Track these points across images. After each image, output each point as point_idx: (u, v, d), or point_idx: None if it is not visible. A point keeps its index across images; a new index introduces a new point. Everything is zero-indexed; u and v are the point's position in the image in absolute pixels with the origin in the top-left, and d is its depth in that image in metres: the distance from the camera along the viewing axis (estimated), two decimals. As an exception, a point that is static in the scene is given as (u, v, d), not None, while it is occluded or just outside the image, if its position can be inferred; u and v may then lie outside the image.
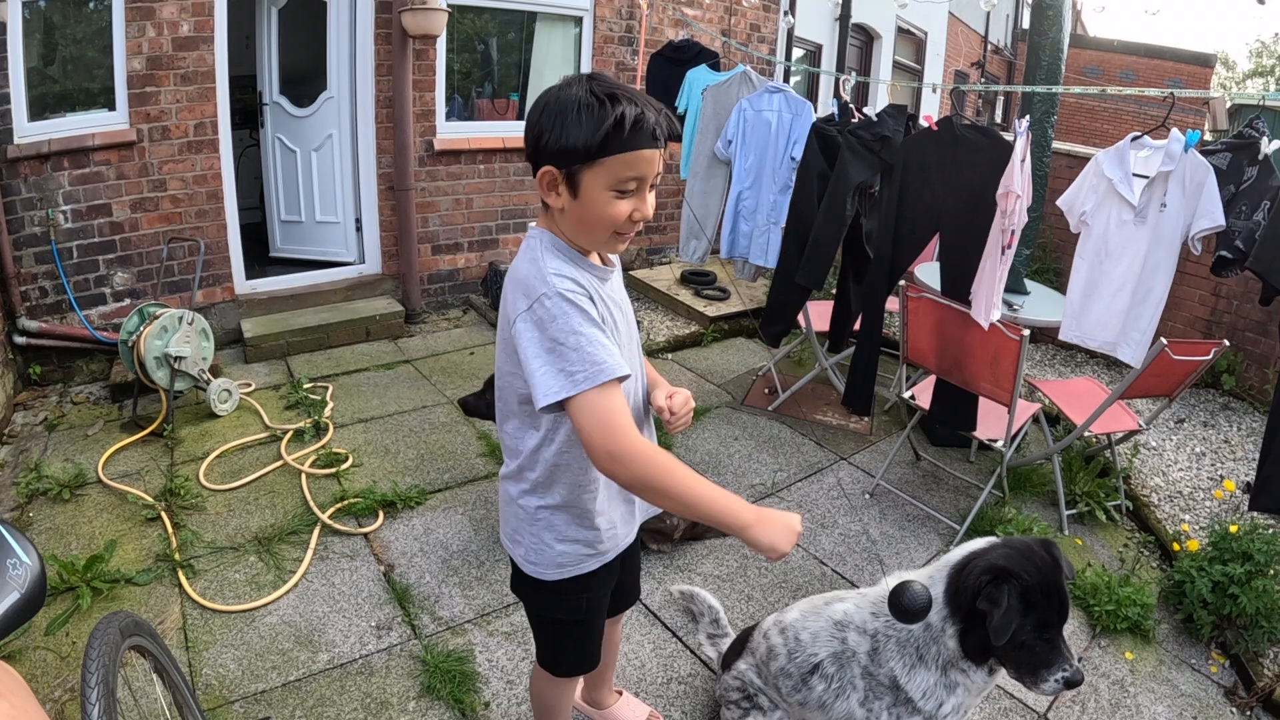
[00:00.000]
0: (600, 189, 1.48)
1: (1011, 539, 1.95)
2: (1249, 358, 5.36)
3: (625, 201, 1.50)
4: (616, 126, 1.42)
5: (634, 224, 1.54)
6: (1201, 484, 4.36)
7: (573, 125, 1.43)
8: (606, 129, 1.42)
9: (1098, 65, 18.18)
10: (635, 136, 1.44)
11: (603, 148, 1.43)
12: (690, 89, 5.49)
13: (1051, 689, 1.83)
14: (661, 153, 1.51)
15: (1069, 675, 1.81)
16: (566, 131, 1.44)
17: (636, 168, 1.48)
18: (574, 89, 1.46)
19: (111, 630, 1.59)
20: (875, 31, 12.19)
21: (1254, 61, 35.50)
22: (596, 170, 1.46)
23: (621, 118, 1.42)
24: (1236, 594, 3.09)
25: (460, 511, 3.66)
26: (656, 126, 1.46)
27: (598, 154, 1.44)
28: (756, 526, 1.51)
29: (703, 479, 1.52)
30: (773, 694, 2.25)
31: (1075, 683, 1.82)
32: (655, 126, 1.46)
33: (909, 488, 4.09)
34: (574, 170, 1.47)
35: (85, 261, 4.70)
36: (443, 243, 6.29)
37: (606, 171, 1.46)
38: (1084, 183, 3.52)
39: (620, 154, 1.45)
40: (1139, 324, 3.41)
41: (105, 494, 3.63)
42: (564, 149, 1.45)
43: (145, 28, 4.57)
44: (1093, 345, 3.65)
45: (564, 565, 1.79)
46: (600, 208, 1.50)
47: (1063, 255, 6.23)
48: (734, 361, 5.66)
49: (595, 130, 1.42)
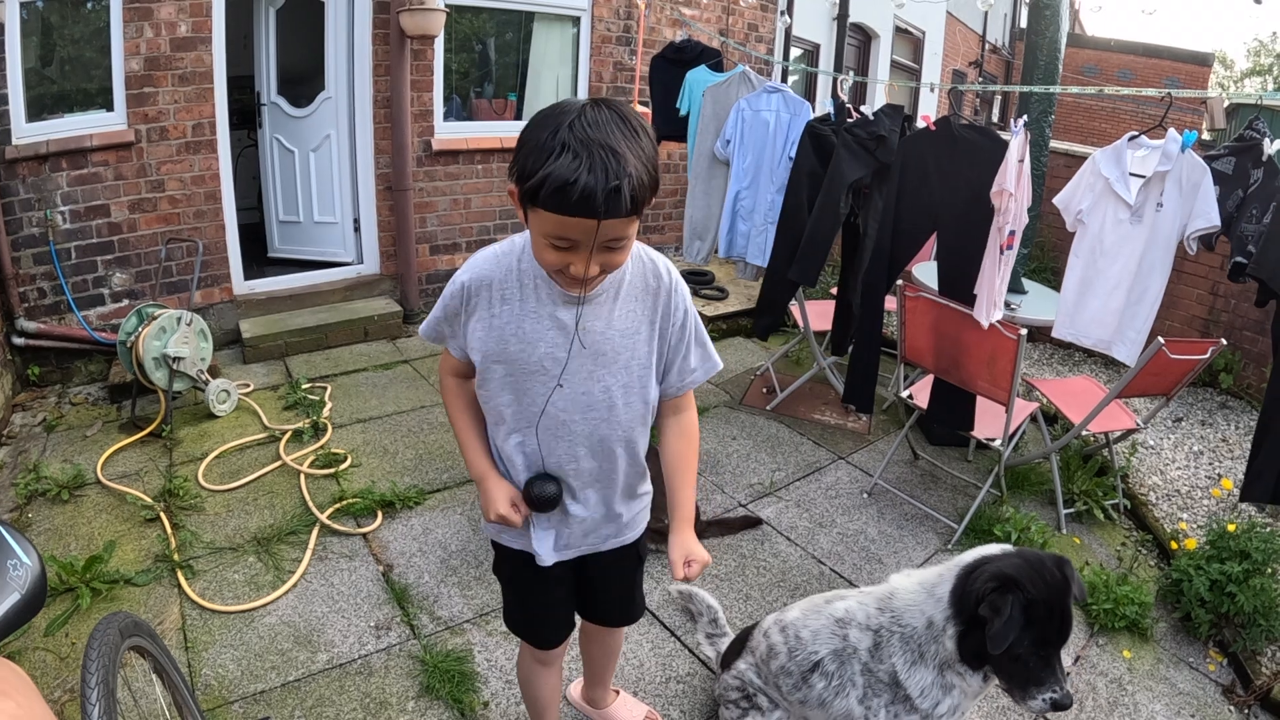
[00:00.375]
0: (537, 232, 1.44)
1: (1026, 550, 1.94)
2: (1247, 357, 5.37)
3: (558, 254, 1.43)
4: (541, 183, 1.32)
5: (573, 278, 1.48)
6: (1199, 482, 4.37)
7: (525, 155, 1.37)
8: (536, 182, 1.33)
9: (1095, 65, 18.19)
10: (560, 202, 1.33)
11: (532, 196, 1.36)
12: (690, 90, 5.50)
13: (1038, 707, 1.83)
14: (606, 224, 1.36)
15: (1058, 697, 1.81)
16: (523, 157, 1.37)
17: (564, 230, 1.38)
18: (559, 117, 1.36)
19: (111, 631, 1.59)
20: (873, 31, 12.19)
21: (1252, 61, 35.55)
22: (534, 213, 1.40)
23: (546, 178, 1.31)
24: (1234, 592, 3.10)
25: (459, 511, 3.66)
26: (590, 196, 1.31)
27: (529, 200, 1.38)
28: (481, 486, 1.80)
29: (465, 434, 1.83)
30: (772, 693, 2.26)
31: (1063, 706, 1.82)
32: (593, 198, 1.31)
33: (907, 487, 4.10)
34: (523, 199, 1.41)
35: (83, 262, 4.70)
36: (441, 243, 6.29)
37: (538, 220, 1.40)
38: (1080, 181, 3.52)
39: (549, 212, 1.35)
40: (1134, 323, 3.42)
41: (104, 495, 3.63)
42: (519, 173, 1.39)
43: (143, 28, 4.57)
44: (1087, 343, 3.65)
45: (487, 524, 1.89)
46: (538, 248, 1.47)
47: (1060, 255, 6.23)
48: (732, 361, 5.66)
49: (530, 175, 1.35)
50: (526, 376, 1.65)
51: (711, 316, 6.12)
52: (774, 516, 3.78)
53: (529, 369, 1.64)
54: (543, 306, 1.60)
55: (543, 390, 1.66)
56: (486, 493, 1.76)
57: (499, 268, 1.62)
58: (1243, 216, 3.13)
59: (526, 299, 1.61)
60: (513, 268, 1.61)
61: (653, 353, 1.71)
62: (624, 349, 1.66)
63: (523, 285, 1.61)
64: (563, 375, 1.64)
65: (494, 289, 1.62)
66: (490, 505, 1.75)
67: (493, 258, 1.64)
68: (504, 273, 1.62)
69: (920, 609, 1.94)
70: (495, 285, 1.62)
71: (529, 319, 1.61)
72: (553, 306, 1.60)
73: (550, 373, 1.64)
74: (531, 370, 1.64)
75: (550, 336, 1.61)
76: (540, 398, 1.66)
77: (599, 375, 1.66)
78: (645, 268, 1.68)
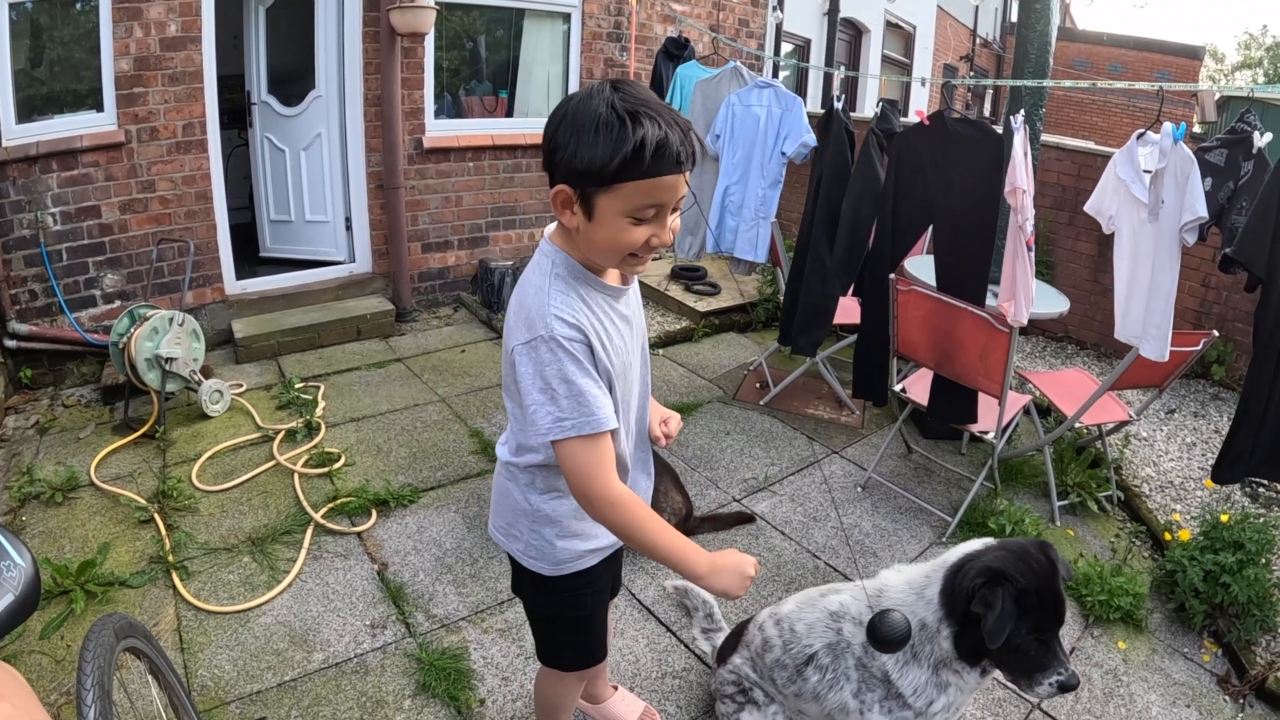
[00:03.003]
0: (615, 215, 1.38)
1: (1008, 541, 1.95)
2: (1239, 348, 5.38)
3: (642, 228, 1.41)
4: (636, 152, 1.31)
5: (651, 249, 1.45)
6: (1192, 474, 4.39)
7: (588, 145, 1.33)
8: (625, 154, 1.31)
9: (1086, 58, 18.21)
10: (657, 163, 1.33)
11: (619, 174, 1.33)
12: (681, 85, 5.49)
13: (1046, 692, 1.83)
14: (683, 176, 1.39)
15: (1064, 679, 1.81)
16: (582, 151, 1.33)
17: (656, 195, 1.37)
18: (595, 101, 1.34)
19: (106, 633, 1.59)
20: (864, 26, 12.20)
21: (1242, 54, 35.63)
22: (612, 195, 1.36)
23: (642, 143, 1.30)
24: (1228, 583, 3.11)
25: (453, 509, 3.66)
26: (680, 150, 1.35)
27: (614, 179, 1.34)
28: (710, 576, 1.54)
29: (666, 527, 1.54)
30: (768, 687, 2.26)
31: (1070, 686, 1.82)
32: (679, 150, 1.35)
33: (901, 480, 4.11)
34: (589, 192, 1.38)
35: (75, 264, 4.68)
36: (433, 241, 6.28)
37: (623, 198, 1.36)
38: (1105, 186, 3.50)
39: (639, 180, 1.34)
40: (1153, 319, 3.40)
41: (98, 496, 3.62)
42: (578, 170, 1.35)
43: (132, 28, 4.55)
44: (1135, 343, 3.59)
45: (564, 561, 1.78)
46: (614, 234, 1.41)
47: (1053, 248, 6.26)
48: (725, 356, 5.67)
49: (613, 154, 1.31)
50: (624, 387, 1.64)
51: (704, 312, 6.12)
52: (768, 511, 3.78)
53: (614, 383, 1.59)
54: (611, 310, 1.57)
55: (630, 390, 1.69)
56: (724, 568, 1.56)
57: (574, 293, 1.51)
58: (1233, 208, 3.15)
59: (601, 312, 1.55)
60: (579, 298, 1.51)
61: None
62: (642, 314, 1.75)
63: (590, 296, 1.54)
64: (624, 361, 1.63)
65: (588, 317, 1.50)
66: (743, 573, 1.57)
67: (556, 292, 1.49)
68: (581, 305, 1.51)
69: (910, 610, 1.94)
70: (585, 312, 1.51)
71: (611, 329, 1.56)
72: (613, 306, 1.58)
73: (633, 370, 1.68)
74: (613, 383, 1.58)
75: (625, 336, 1.61)
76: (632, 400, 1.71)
77: (641, 356, 1.74)
78: None
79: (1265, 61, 33.53)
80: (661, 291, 6.52)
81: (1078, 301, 4.95)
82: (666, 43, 5.88)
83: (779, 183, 4.85)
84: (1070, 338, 6.24)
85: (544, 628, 2.00)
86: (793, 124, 4.71)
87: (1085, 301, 5.82)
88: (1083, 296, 5.81)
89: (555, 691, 2.15)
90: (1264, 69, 33.43)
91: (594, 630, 1.99)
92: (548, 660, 2.04)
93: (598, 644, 2.02)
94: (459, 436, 4.32)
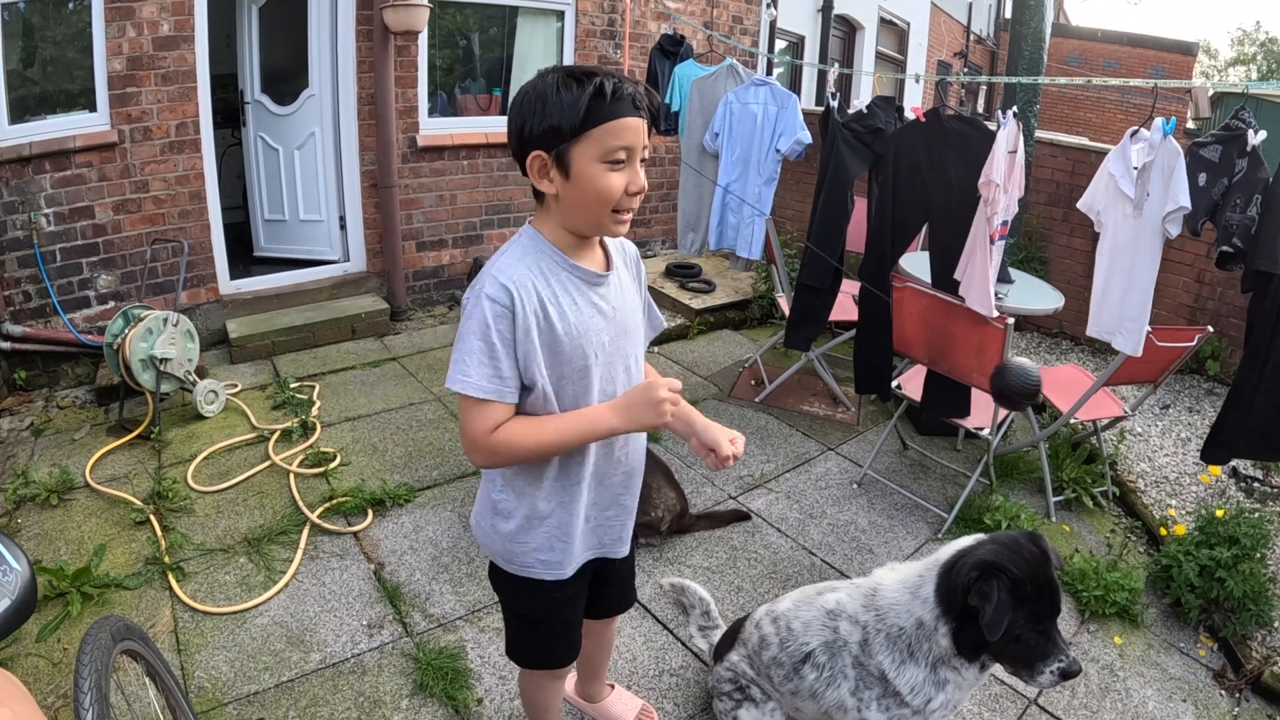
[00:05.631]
0: (590, 162, 1.48)
1: (998, 534, 1.96)
2: (1233, 343, 5.40)
3: (618, 174, 1.50)
4: (596, 97, 1.44)
5: (631, 198, 1.53)
6: (1187, 469, 4.40)
7: (554, 105, 1.45)
8: (587, 100, 1.43)
9: (1080, 55, 18.22)
10: (617, 105, 1.45)
11: (586, 120, 1.45)
12: (679, 84, 5.49)
13: (1048, 681, 1.83)
14: (645, 123, 1.51)
15: (1065, 666, 1.82)
16: (548, 113, 1.46)
17: (623, 136, 1.48)
18: (548, 76, 1.48)
19: (103, 635, 1.58)
20: (858, 22, 12.19)
21: (1236, 50, 35.66)
22: (584, 144, 1.47)
23: (600, 88, 1.44)
24: (1224, 577, 3.13)
25: (449, 508, 3.66)
26: (635, 95, 1.47)
27: (582, 127, 1.45)
28: (627, 424, 1.60)
29: (557, 418, 1.59)
30: (765, 685, 2.27)
31: (1072, 673, 1.82)
32: (634, 93, 1.47)
33: (896, 477, 4.11)
34: (562, 150, 1.48)
35: (68, 264, 4.67)
36: (427, 239, 6.27)
37: (594, 144, 1.47)
38: (1098, 183, 3.52)
39: (604, 123, 1.46)
40: (1129, 311, 3.42)
41: (93, 498, 3.61)
42: (548, 129, 1.47)
43: (125, 28, 4.54)
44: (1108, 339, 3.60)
45: (515, 559, 1.79)
46: (593, 183, 1.49)
47: (1047, 244, 6.26)
48: (720, 353, 5.67)
49: (576, 104, 1.44)
50: (578, 372, 1.63)
51: (699, 309, 6.12)
52: (764, 508, 3.78)
53: (579, 363, 1.62)
54: (579, 293, 1.62)
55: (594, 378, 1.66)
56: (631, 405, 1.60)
57: (528, 270, 1.57)
58: (1227, 205, 3.15)
59: (566, 289, 1.60)
60: (537, 267, 1.58)
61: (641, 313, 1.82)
62: (636, 319, 1.77)
63: (559, 273, 1.60)
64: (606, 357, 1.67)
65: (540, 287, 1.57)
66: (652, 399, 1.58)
67: (516, 261, 1.57)
68: (539, 268, 1.58)
69: (906, 609, 1.95)
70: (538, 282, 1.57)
71: (570, 306, 1.60)
72: (586, 292, 1.63)
73: (597, 359, 1.65)
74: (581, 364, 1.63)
75: (595, 322, 1.64)
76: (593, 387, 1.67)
77: (626, 348, 1.73)
78: (614, 243, 1.76)
79: (1259, 58, 33.58)
80: (656, 289, 6.52)
81: (1072, 298, 4.96)
82: (661, 40, 5.88)
83: (774, 180, 4.85)
84: (1065, 333, 6.25)
85: (508, 619, 2.01)
86: (788, 121, 4.72)
87: (1079, 298, 5.79)
88: (1077, 292, 5.80)
89: (530, 689, 2.16)
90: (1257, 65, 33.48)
91: (554, 635, 1.97)
92: (510, 653, 2.04)
93: (562, 647, 2.00)
94: (454, 435, 4.31)
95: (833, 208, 4.20)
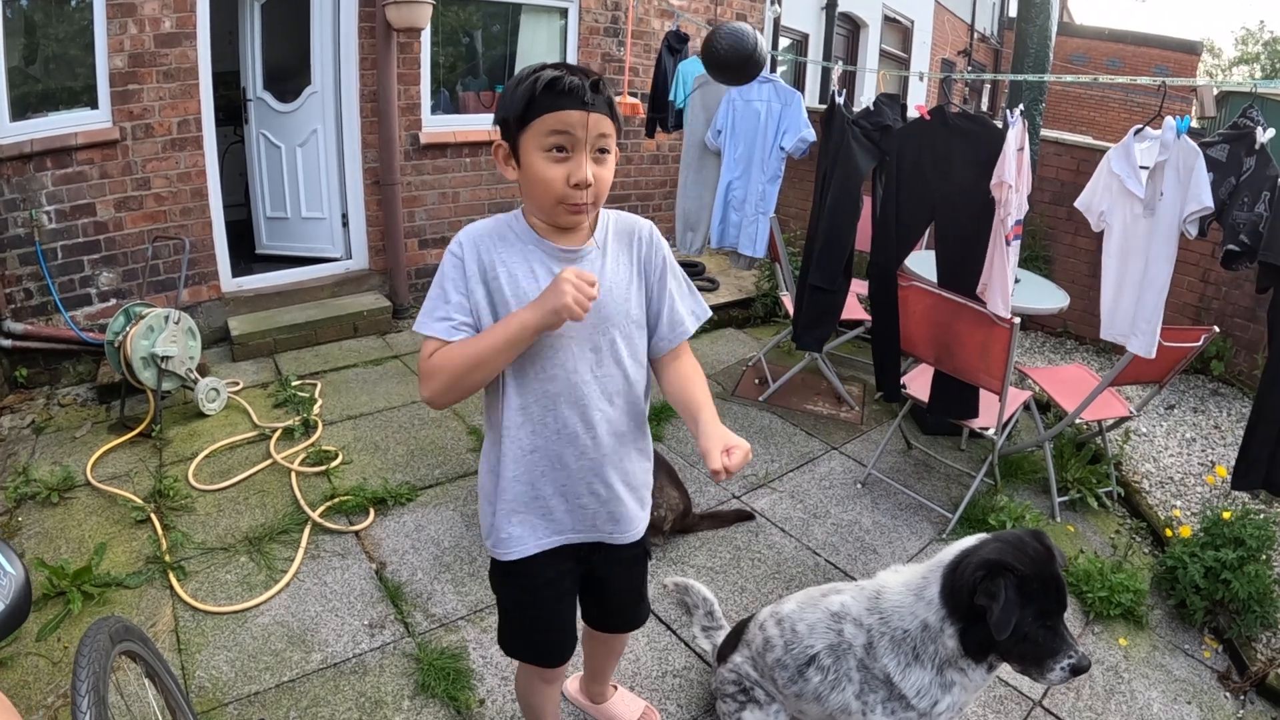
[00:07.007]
0: (532, 152, 1.56)
1: (1002, 533, 1.95)
2: (1238, 344, 5.38)
3: (559, 165, 1.56)
4: (536, 88, 1.52)
5: (576, 190, 1.57)
6: (1192, 469, 4.38)
7: (506, 98, 1.58)
8: (526, 93, 1.53)
9: (1084, 53, 18.20)
10: (557, 98, 1.51)
11: (527, 111, 1.53)
12: (684, 81, 5.48)
13: (1058, 678, 1.82)
14: (594, 117, 1.54)
15: (1075, 662, 1.81)
16: (502, 105, 1.58)
17: (559, 126, 1.53)
18: (522, 71, 1.58)
19: (101, 637, 1.57)
20: (862, 20, 12.18)
21: (1239, 49, 35.59)
22: (527, 135, 1.55)
23: (537, 79, 1.52)
24: (1229, 579, 3.11)
25: (451, 507, 3.65)
26: (578, 87, 1.52)
27: (524, 119, 1.54)
28: (538, 317, 1.56)
29: (485, 334, 1.61)
30: (769, 686, 2.25)
31: (1082, 669, 1.81)
32: (576, 87, 1.52)
33: (901, 477, 4.10)
34: (515, 140, 1.58)
35: (70, 262, 4.66)
36: (429, 237, 6.26)
37: (535, 134, 1.55)
38: (1097, 182, 3.49)
39: (542, 115, 1.53)
40: (1144, 313, 3.39)
41: (94, 496, 3.60)
42: (501, 120, 1.59)
43: (127, 25, 4.53)
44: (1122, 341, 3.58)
45: (490, 534, 1.83)
46: (537, 172, 1.57)
47: (1052, 243, 6.25)
48: (723, 352, 5.66)
49: (519, 97, 1.54)
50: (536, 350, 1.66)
51: (703, 308, 6.09)
52: (768, 508, 3.77)
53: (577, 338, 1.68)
54: (542, 266, 1.66)
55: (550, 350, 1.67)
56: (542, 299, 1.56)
57: (493, 229, 1.70)
58: (1235, 204, 3.13)
59: (526, 259, 1.67)
60: (506, 233, 1.69)
61: (642, 304, 1.78)
62: (621, 300, 1.73)
63: (522, 246, 1.68)
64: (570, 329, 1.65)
65: (494, 248, 1.67)
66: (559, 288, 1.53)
67: (480, 226, 1.71)
68: (500, 234, 1.69)
69: (910, 611, 1.94)
70: (493, 244, 1.67)
71: (527, 279, 1.65)
72: (548, 262, 1.67)
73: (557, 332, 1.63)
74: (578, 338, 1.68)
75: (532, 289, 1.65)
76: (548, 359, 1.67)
77: (604, 329, 1.71)
78: (624, 222, 1.79)
79: (1262, 57, 33.53)
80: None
81: (1077, 297, 4.94)
82: (668, 37, 5.87)
83: (778, 178, 4.83)
84: (1069, 333, 6.23)
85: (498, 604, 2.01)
86: (792, 119, 4.69)
87: (1084, 297, 5.80)
88: (1082, 292, 5.78)
89: (524, 688, 2.15)
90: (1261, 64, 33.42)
91: (530, 622, 1.94)
92: (499, 639, 2.03)
93: (540, 641, 1.97)
94: (457, 434, 4.30)
95: (844, 206, 4.16)
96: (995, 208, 3.54)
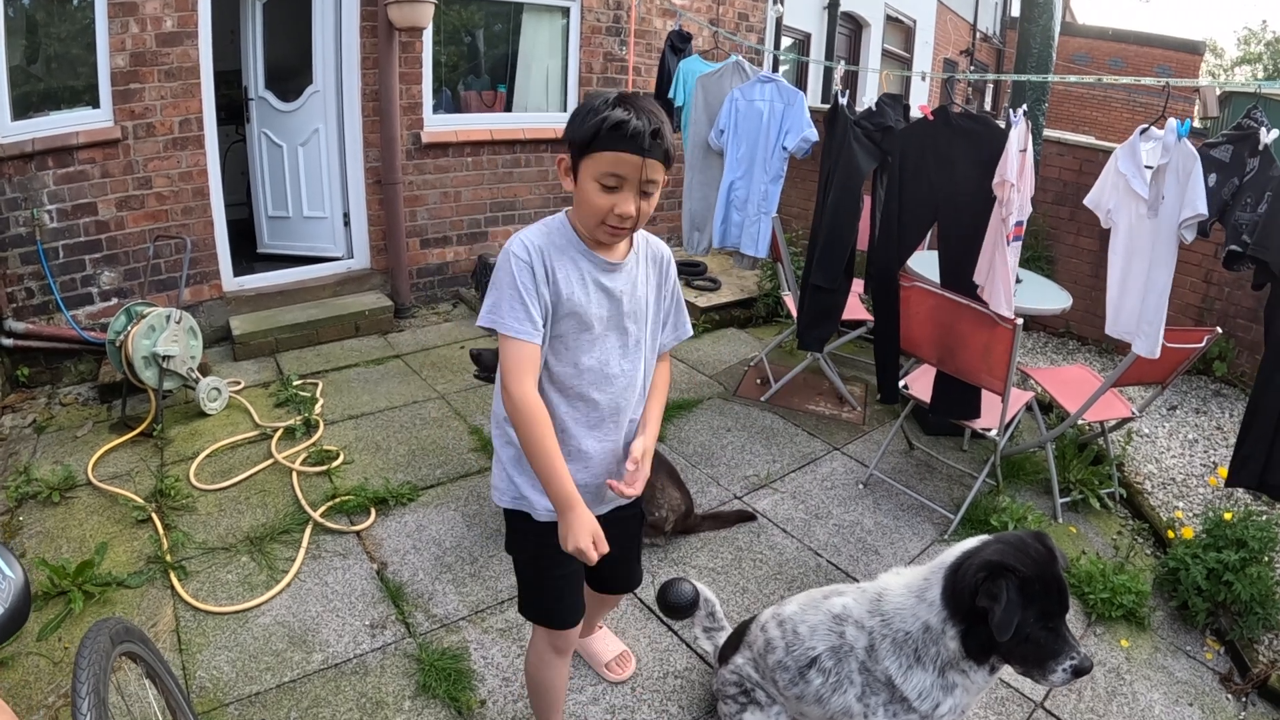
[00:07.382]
0: (588, 178, 1.71)
1: (1003, 534, 1.94)
2: (1240, 344, 5.37)
3: (607, 196, 1.71)
4: (600, 127, 1.65)
5: (619, 219, 1.73)
6: (1195, 471, 4.37)
7: (577, 122, 1.70)
8: (594, 127, 1.66)
9: (1086, 53, 18.18)
10: (615, 140, 1.65)
11: (589, 144, 1.68)
12: (685, 80, 5.47)
13: (1061, 679, 1.82)
14: (649, 162, 1.68)
15: (1077, 663, 1.80)
16: (575, 125, 1.71)
17: (616, 167, 1.67)
18: (596, 99, 1.70)
19: (101, 638, 1.57)
20: (864, 20, 12.17)
21: (1242, 49, 35.51)
22: (587, 162, 1.70)
23: (606, 120, 1.65)
24: (1231, 581, 3.10)
25: (453, 507, 3.64)
26: (640, 134, 1.65)
27: (586, 149, 1.69)
28: (564, 518, 1.76)
29: (555, 455, 1.77)
30: (770, 688, 2.25)
31: (1084, 670, 1.81)
32: (638, 133, 1.65)
33: (902, 477, 4.09)
34: (576, 159, 1.73)
35: (71, 261, 4.66)
36: (431, 236, 6.26)
37: (593, 164, 1.69)
38: (1105, 181, 3.48)
39: (603, 151, 1.67)
40: (1147, 315, 3.38)
41: (95, 496, 3.60)
42: (571, 140, 1.72)
43: (128, 24, 4.52)
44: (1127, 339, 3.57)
45: (505, 493, 2.00)
46: (588, 195, 1.72)
47: (1054, 243, 6.24)
48: (725, 352, 5.65)
49: (588, 128, 1.67)
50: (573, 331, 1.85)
51: (704, 308, 6.10)
52: (769, 509, 3.77)
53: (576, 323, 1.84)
54: (586, 272, 1.83)
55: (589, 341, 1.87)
56: (570, 523, 1.75)
57: (547, 238, 1.81)
58: (1237, 205, 3.11)
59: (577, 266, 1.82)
60: (558, 240, 1.82)
61: (659, 310, 2.03)
62: (648, 305, 1.96)
63: (574, 254, 1.82)
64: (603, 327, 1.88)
65: (551, 255, 1.80)
66: (572, 535, 1.74)
67: (537, 232, 1.82)
68: (553, 242, 1.82)
69: (912, 613, 1.93)
70: (550, 252, 1.80)
71: (577, 280, 1.82)
72: (595, 273, 1.84)
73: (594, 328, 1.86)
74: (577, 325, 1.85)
75: (598, 298, 1.85)
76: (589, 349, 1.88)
77: (634, 329, 1.94)
78: (651, 244, 2.00)
79: (1265, 57, 33.45)
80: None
81: (1079, 297, 4.94)
82: (671, 36, 5.86)
83: (780, 177, 4.82)
84: (1072, 333, 6.22)
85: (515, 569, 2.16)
86: (794, 119, 4.68)
87: (1087, 297, 5.80)
88: (1084, 292, 5.78)
89: (535, 665, 2.20)
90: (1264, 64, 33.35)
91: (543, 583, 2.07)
92: (519, 606, 2.17)
93: (552, 600, 2.08)
94: (458, 434, 4.30)
95: (846, 206, 4.16)
96: (996, 206, 3.54)
